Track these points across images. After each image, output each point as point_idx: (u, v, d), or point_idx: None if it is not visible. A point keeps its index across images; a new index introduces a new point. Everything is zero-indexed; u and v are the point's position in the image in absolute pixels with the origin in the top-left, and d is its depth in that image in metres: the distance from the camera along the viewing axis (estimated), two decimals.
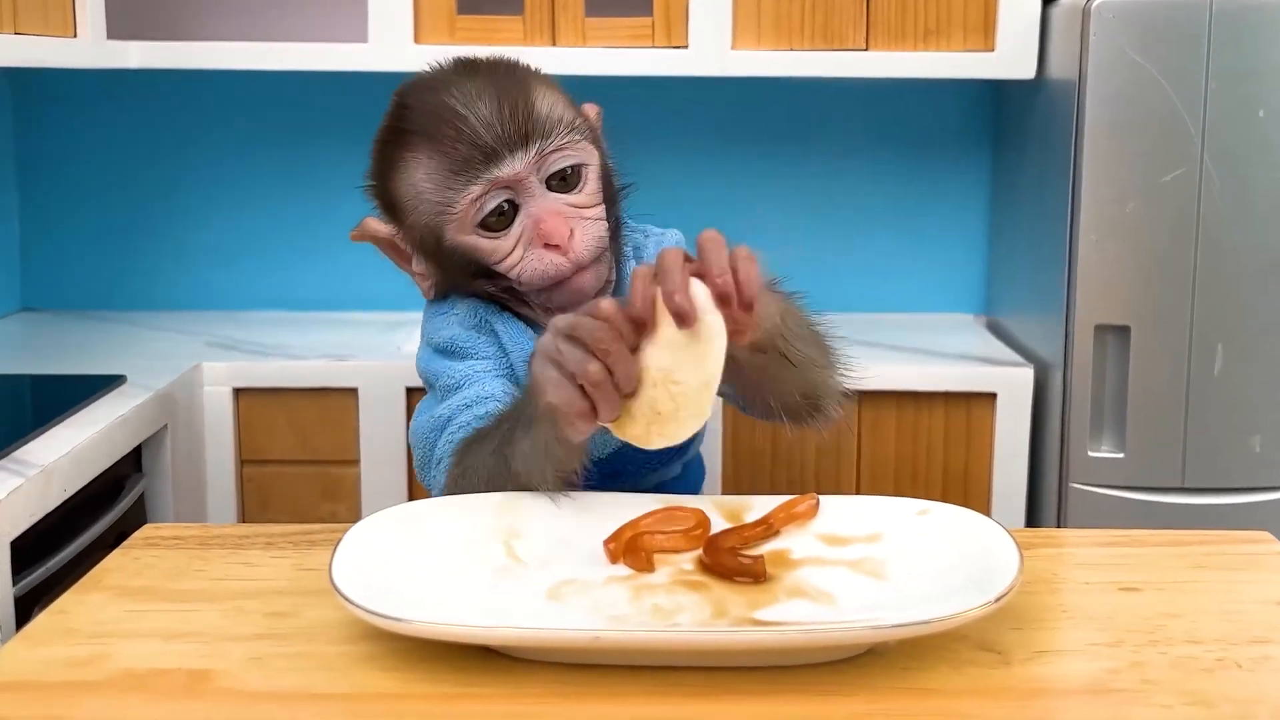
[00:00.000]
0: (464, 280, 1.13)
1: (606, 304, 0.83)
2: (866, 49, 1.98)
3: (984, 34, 1.97)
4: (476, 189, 1.05)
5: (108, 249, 2.30)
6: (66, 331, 2.11)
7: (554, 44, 1.96)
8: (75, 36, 1.86)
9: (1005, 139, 2.21)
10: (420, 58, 1.94)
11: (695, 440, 1.24)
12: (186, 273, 2.30)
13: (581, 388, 0.83)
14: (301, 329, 2.12)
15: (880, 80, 2.06)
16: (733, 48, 1.97)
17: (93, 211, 2.29)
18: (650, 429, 0.84)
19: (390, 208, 1.14)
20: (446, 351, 1.14)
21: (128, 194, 2.29)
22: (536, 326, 1.13)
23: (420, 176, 1.07)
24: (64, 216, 2.29)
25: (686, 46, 1.96)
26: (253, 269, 2.30)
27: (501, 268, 1.08)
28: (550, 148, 1.07)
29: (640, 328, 0.83)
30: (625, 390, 0.82)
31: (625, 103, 1.67)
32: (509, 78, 1.10)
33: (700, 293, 0.81)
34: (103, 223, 2.29)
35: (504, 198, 1.06)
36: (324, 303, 2.28)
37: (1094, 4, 1.75)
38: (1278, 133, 1.75)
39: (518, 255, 1.07)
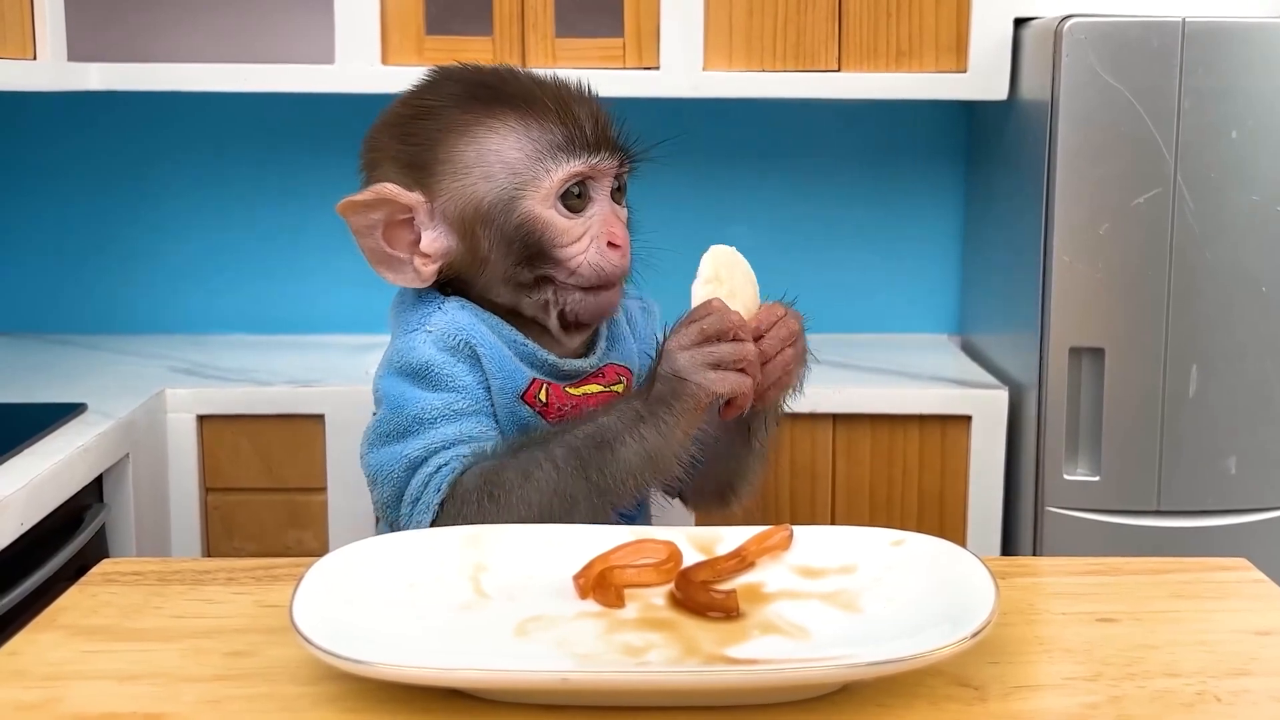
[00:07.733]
0: (508, 261, 1.09)
1: (719, 308, 1.00)
2: (839, 70, 1.97)
3: (956, 55, 1.97)
4: (576, 166, 1.09)
5: (68, 272, 2.27)
6: (25, 356, 2.08)
7: (524, 64, 1.95)
8: (35, 59, 1.83)
9: (979, 158, 2.20)
10: (388, 79, 1.96)
11: None
12: (149, 296, 2.27)
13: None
14: (266, 353, 2.09)
15: (853, 100, 2.06)
16: (704, 68, 1.96)
17: (53, 234, 2.26)
18: None
19: (423, 174, 1.09)
20: (418, 377, 1.07)
21: (89, 216, 2.25)
22: (519, 346, 1.10)
23: (509, 144, 1.08)
24: (23, 239, 2.26)
25: (658, 67, 1.95)
26: (217, 292, 2.27)
27: (565, 253, 1.09)
28: (630, 161, 1.14)
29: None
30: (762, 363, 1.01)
31: None
32: (584, 90, 1.15)
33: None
34: (63, 245, 2.26)
35: (585, 186, 1.11)
36: (289, 325, 2.26)
37: (1066, 25, 1.75)
38: (1250, 153, 1.75)
39: (584, 244, 1.10)
